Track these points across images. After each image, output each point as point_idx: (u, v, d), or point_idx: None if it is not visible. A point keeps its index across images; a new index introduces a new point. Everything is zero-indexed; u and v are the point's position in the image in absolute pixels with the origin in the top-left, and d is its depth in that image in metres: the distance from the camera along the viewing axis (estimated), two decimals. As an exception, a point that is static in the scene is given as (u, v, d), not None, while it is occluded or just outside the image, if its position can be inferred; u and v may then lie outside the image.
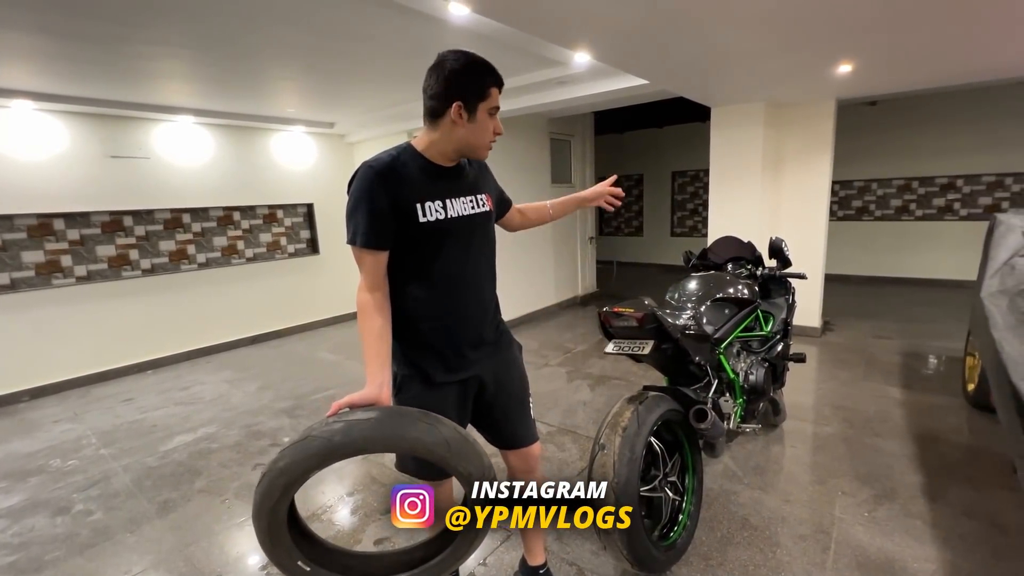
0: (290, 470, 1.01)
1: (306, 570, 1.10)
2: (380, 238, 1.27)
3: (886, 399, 3.32)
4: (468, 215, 1.38)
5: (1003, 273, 2.51)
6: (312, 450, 1.01)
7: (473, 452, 1.13)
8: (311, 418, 3.47)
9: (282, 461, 1.02)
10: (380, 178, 1.26)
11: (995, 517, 2.11)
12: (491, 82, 1.30)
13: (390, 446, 1.10)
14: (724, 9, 2.18)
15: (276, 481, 1.01)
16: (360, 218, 1.27)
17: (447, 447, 1.09)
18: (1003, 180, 6.35)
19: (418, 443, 1.07)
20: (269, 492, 1.02)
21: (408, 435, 1.08)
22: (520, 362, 1.61)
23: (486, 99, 1.30)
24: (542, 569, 1.77)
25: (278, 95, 4.25)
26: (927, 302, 5.91)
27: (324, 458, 1.02)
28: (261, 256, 5.69)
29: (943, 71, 3.53)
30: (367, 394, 1.18)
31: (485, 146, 1.37)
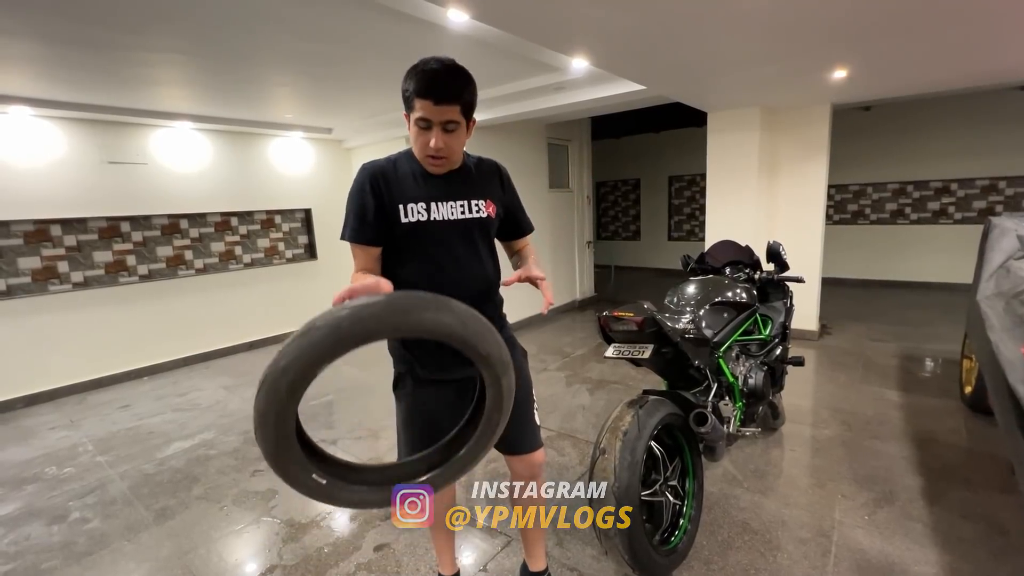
0: (294, 367, 0.89)
1: (322, 483, 0.99)
2: (366, 234, 1.35)
3: (884, 402, 3.33)
4: (454, 219, 1.39)
5: (998, 276, 2.53)
6: (318, 340, 0.89)
7: (491, 334, 1.03)
8: (309, 424, 3.44)
9: (284, 360, 0.89)
10: (372, 178, 1.35)
11: (994, 519, 2.12)
12: (413, 92, 1.23)
13: (402, 328, 0.97)
14: (720, 16, 2.20)
15: (279, 382, 0.89)
16: (350, 214, 1.36)
17: (463, 326, 0.99)
18: (997, 184, 6.41)
19: (432, 323, 0.96)
20: (273, 395, 0.89)
21: (421, 315, 0.96)
22: (524, 367, 1.59)
23: (412, 109, 1.26)
24: (544, 574, 1.77)
25: (276, 101, 4.26)
26: (923, 305, 5.94)
27: (332, 348, 0.90)
28: (259, 262, 5.68)
29: (937, 77, 3.57)
30: (366, 283, 1.08)
31: (422, 159, 1.34)
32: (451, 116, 1.26)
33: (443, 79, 1.24)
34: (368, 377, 4.22)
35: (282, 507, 2.49)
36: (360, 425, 3.37)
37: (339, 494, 1.02)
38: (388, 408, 1.67)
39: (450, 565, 1.82)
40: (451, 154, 1.33)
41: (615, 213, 10.15)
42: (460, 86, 1.26)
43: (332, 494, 1.01)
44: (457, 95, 1.25)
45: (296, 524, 2.34)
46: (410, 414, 1.50)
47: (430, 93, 1.22)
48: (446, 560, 1.81)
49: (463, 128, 1.33)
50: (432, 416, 1.46)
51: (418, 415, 1.49)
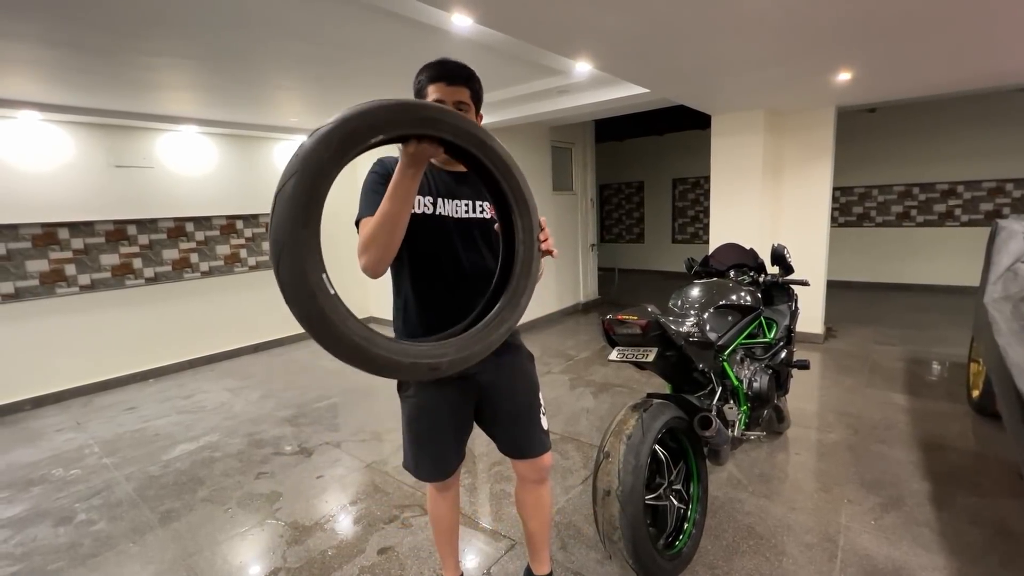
0: (352, 121, 0.88)
1: (331, 292, 0.93)
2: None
3: (890, 406, 3.31)
4: (459, 218, 1.43)
5: (1006, 279, 2.51)
6: (377, 107, 0.92)
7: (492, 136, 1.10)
8: (314, 426, 3.46)
9: (338, 120, 0.88)
10: (386, 168, 1.39)
11: (1002, 524, 2.09)
12: (426, 79, 1.34)
13: (420, 116, 1.00)
14: (723, 20, 2.20)
15: (335, 132, 0.86)
16: (365, 198, 1.41)
17: (468, 122, 1.06)
18: (1004, 186, 6.36)
19: (449, 118, 1.02)
20: (325, 140, 0.85)
21: (433, 107, 1.03)
22: (530, 371, 1.60)
23: (423, 96, 1.35)
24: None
25: (281, 105, 4.29)
26: (929, 308, 5.90)
27: (391, 116, 0.93)
28: (264, 264, 5.71)
29: (942, 79, 3.55)
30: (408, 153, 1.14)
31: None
32: (463, 97, 1.34)
33: (453, 65, 1.35)
34: (372, 380, 4.21)
35: (286, 509, 2.49)
36: (364, 428, 3.38)
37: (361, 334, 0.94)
38: (391, 411, 1.68)
39: (453, 568, 1.81)
40: None
41: (619, 216, 10.14)
42: (469, 73, 1.38)
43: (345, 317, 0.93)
44: (467, 78, 1.36)
45: (300, 527, 2.34)
46: (415, 414, 1.52)
47: (442, 76, 1.33)
48: (450, 563, 1.80)
49: (473, 114, 1.39)
50: (437, 416, 1.50)
51: (423, 415, 1.51)
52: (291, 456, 3.07)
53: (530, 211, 1.09)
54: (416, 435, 1.53)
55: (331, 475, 2.81)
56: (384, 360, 0.95)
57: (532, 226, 1.09)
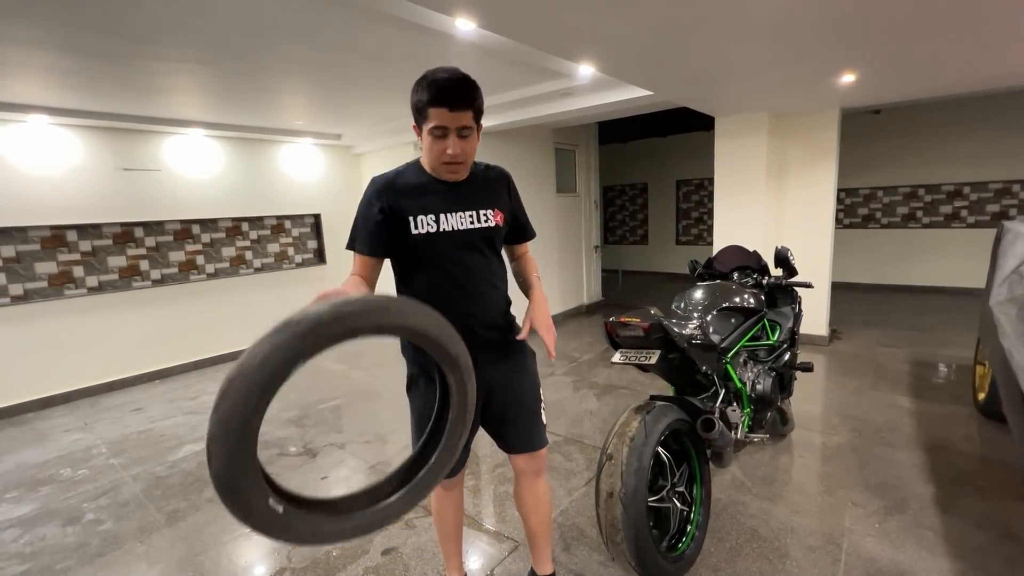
0: (272, 362, 0.80)
1: (278, 511, 0.88)
2: (370, 247, 1.42)
3: (895, 408, 3.30)
4: (464, 229, 1.43)
5: (1012, 281, 2.50)
6: (299, 334, 0.83)
7: (459, 340, 1.08)
8: (318, 427, 3.48)
9: (260, 354, 0.81)
10: (379, 192, 1.40)
11: (1008, 528, 2.09)
12: (427, 101, 1.27)
13: (382, 326, 0.95)
14: (727, 22, 2.21)
15: (254, 378, 0.79)
16: (358, 226, 1.43)
17: (438, 327, 1.03)
18: (1010, 187, 6.33)
19: (408, 322, 0.98)
20: (244, 395, 0.79)
21: (398, 314, 0.98)
22: (532, 368, 1.63)
23: (426, 119, 1.30)
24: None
25: (287, 108, 4.33)
26: (934, 310, 5.86)
27: (312, 343, 0.85)
28: (269, 266, 5.75)
29: (947, 80, 3.54)
30: (337, 288, 1.14)
31: (437, 168, 1.38)
32: (465, 122, 1.31)
33: (455, 87, 1.28)
34: (376, 382, 4.24)
35: (291, 510, 2.51)
36: (368, 430, 3.39)
37: (296, 525, 0.92)
38: (396, 412, 1.69)
39: (457, 569, 1.82)
40: (467, 159, 1.38)
41: (622, 217, 10.14)
42: (472, 93, 1.31)
43: (288, 525, 0.91)
44: (471, 101, 1.30)
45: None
46: (423, 413, 1.54)
47: (445, 101, 1.26)
48: (453, 564, 1.82)
49: (475, 133, 1.37)
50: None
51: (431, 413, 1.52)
52: (296, 457, 3.08)
53: (462, 372, 1.10)
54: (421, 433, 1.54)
55: (336, 476, 2.82)
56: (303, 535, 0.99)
57: (464, 381, 1.11)
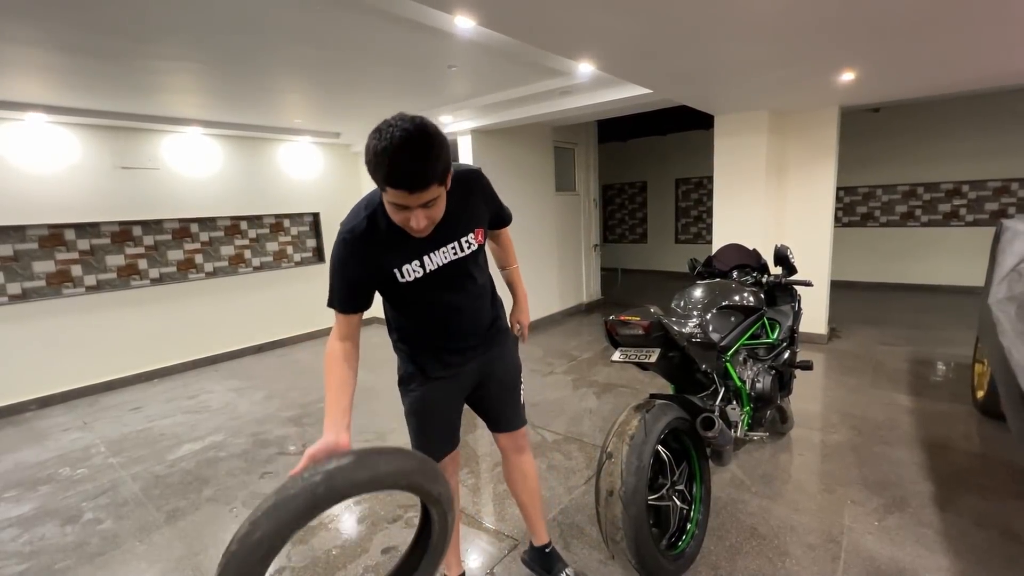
0: (269, 539, 0.88)
1: None
2: (353, 304, 1.36)
3: (894, 406, 3.30)
4: (450, 262, 1.41)
5: (1011, 279, 2.50)
6: (294, 509, 0.90)
7: (441, 473, 1.14)
8: (317, 426, 3.48)
9: (258, 531, 0.87)
10: (355, 250, 1.31)
11: (1007, 526, 2.09)
12: (385, 180, 1.11)
13: (373, 485, 1.02)
14: (726, 21, 2.20)
15: (253, 555, 0.87)
16: (336, 284, 1.35)
17: (423, 473, 1.09)
18: (1009, 185, 6.33)
19: (397, 475, 1.04)
20: (244, 569, 0.87)
21: (387, 470, 1.03)
22: (516, 354, 1.76)
23: (383, 191, 1.16)
24: (547, 548, 1.89)
25: (286, 107, 4.31)
26: (933, 308, 5.87)
27: (307, 514, 0.92)
28: (268, 265, 5.74)
29: (948, 78, 3.54)
30: (327, 442, 1.13)
31: (409, 228, 1.22)
32: (430, 196, 1.15)
33: (414, 166, 1.08)
34: (376, 380, 4.23)
35: (291, 509, 2.50)
36: (367, 428, 3.39)
37: None
38: (394, 411, 1.70)
39: (456, 566, 1.83)
40: (434, 221, 1.25)
41: (622, 216, 10.13)
42: (433, 165, 1.10)
43: None
44: (432, 176, 1.11)
45: (305, 527, 2.36)
46: (419, 404, 1.60)
47: (403, 183, 1.09)
48: (451, 561, 1.82)
49: (443, 195, 1.21)
50: (436, 402, 1.60)
51: (426, 402, 1.59)
52: (295, 456, 3.08)
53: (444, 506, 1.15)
54: (420, 420, 1.62)
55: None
56: None
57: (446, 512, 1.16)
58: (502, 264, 1.82)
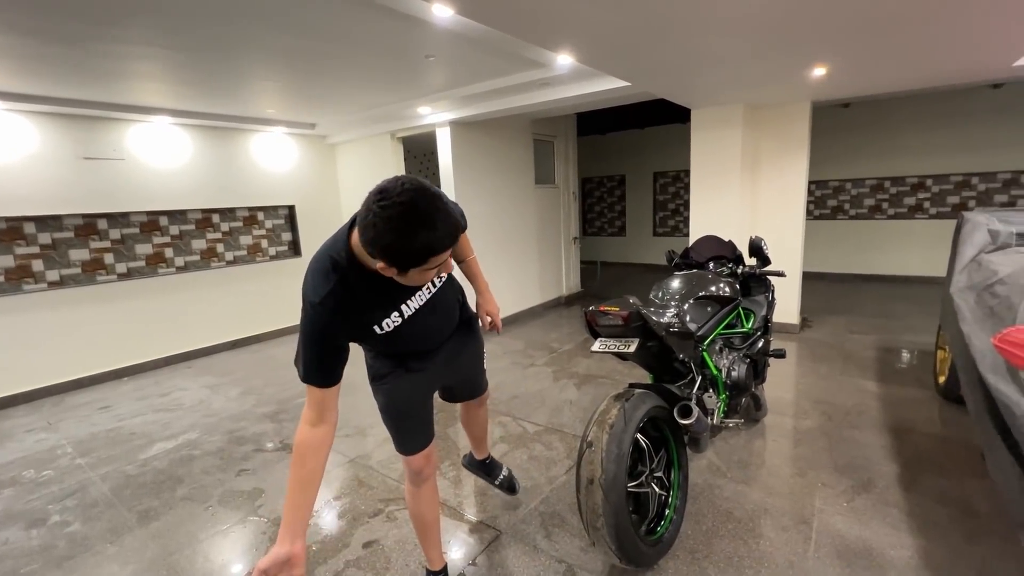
0: None
1: None
2: (332, 375, 1.28)
3: (862, 392, 3.42)
4: (425, 302, 1.45)
5: (970, 269, 2.61)
6: None
7: None
8: (295, 423, 3.41)
9: None
10: (332, 320, 1.23)
11: (966, 503, 2.19)
12: (416, 263, 1.09)
13: None
14: (703, 14, 2.23)
15: None
16: (310, 356, 1.25)
17: None
18: (970, 180, 6.59)
19: None
20: None
21: None
22: (478, 330, 1.84)
23: (419, 266, 1.11)
24: (487, 459, 2.24)
25: (258, 96, 4.20)
26: (899, 298, 6.09)
27: None
28: (241, 259, 5.60)
29: (913, 74, 3.65)
30: (277, 554, 1.13)
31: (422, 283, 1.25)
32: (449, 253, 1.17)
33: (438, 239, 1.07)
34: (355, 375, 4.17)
35: (269, 506, 2.47)
36: (347, 423, 3.36)
37: None
38: (374, 405, 1.68)
39: (438, 560, 1.83)
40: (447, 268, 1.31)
41: (601, 209, 10.20)
42: (452, 228, 1.10)
43: None
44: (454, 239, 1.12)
45: None
46: (394, 402, 1.62)
47: (433, 255, 1.09)
48: (434, 555, 1.82)
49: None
50: (413, 399, 1.64)
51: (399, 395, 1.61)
52: (273, 453, 3.03)
53: None
54: (396, 416, 1.64)
55: (314, 471, 2.79)
56: None
57: None
58: (459, 258, 1.80)
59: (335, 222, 6.46)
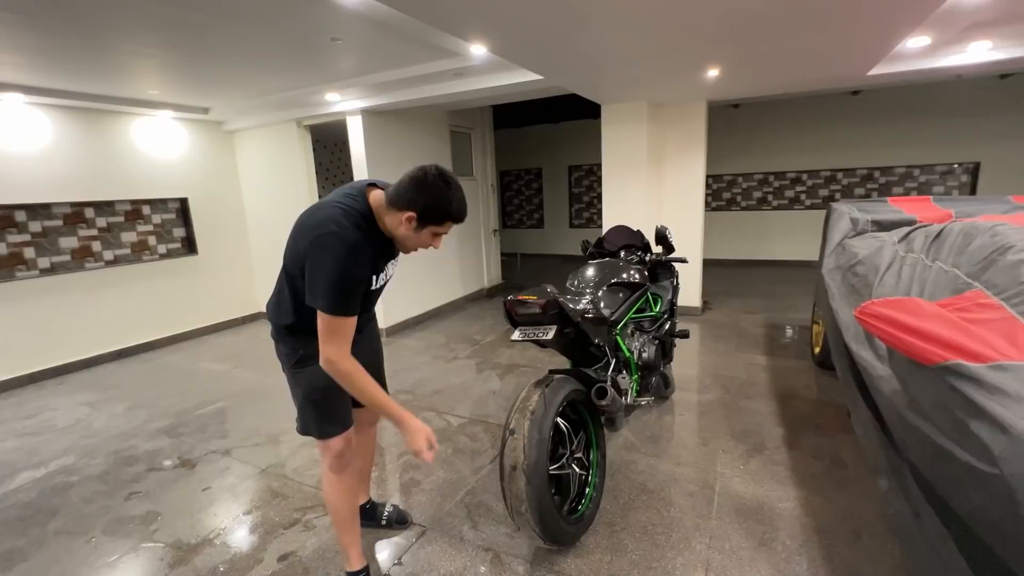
0: None
1: None
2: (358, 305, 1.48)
3: (754, 366, 3.80)
4: (390, 277, 1.69)
5: (837, 252, 2.99)
6: None
7: None
8: (196, 435, 3.13)
9: None
10: (361, 255, 1.44)
11: (837, 456, 2.52)
12: (453, 216, 1.47)
13: None
14: (609, 9, 2.32)
15: None
16: (342, 291, 1.41)
17: None
18: (836, 175, 7.54)
19: None
20: None
21: None
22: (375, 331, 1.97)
23: (439, 223, 1.48)
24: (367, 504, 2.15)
25: (137, 74, 3.73)
26: (785, 281, 6.83)
27: None
28: (124, 259, 4.98)
29: (788, 79, 4.09)
30: (419, 425, 1.51)
31: (412, 249, 1.57)
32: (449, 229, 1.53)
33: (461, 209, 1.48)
34: (264, 380, 3.91)
35: (166, 529, 2.24)
36: (257, 431, 3.13)
37: None
38: (287, 411, 1.59)
39: (357, 558, 1.80)
40: None
41: (519, 202, 10.34)
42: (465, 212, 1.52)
43: None
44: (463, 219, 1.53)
45: (185, 546, 2.12)
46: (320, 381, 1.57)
47: (460, 218, 1.49)
48: (353, 554, 1.79)
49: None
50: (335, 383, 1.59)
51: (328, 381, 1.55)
52: (170, 471, 2.75)
53: None
54: (321, 394, 1.63)
55: (220, 485, 2.57)
56: None
57: None
58: None
59: (238, 215, 5.96)
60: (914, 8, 2.41)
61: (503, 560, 1.93)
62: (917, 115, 6.86)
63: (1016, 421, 0.98)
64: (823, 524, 2.04)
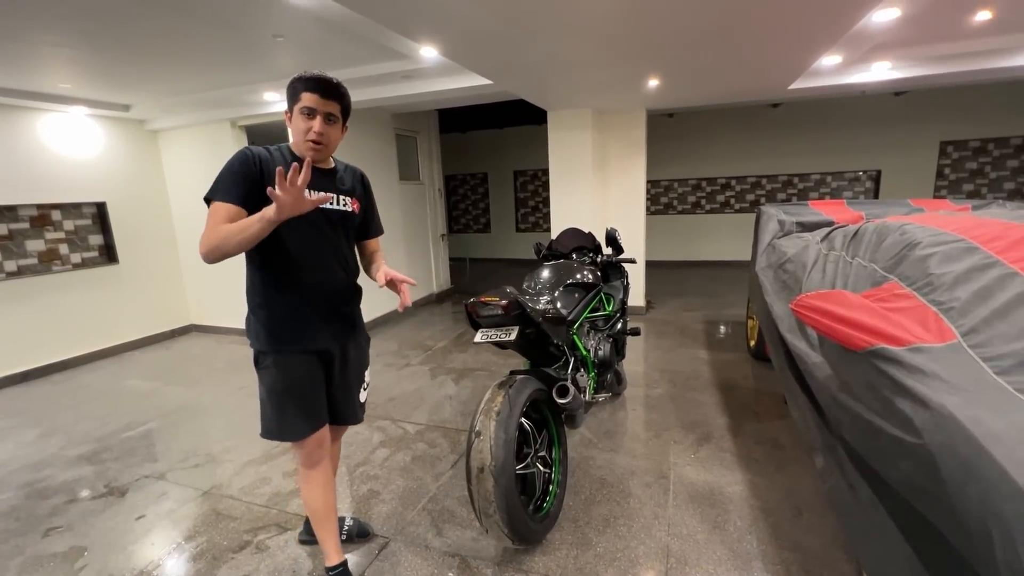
0: None
1: None
2: (233, 194, 1.44)
3: (697, 360, 4.02)
4: (326, 209, 1.59)
5: (768, 252, 3.23)
6: None
7: None
8: (124, 460, 2.87)
9: None
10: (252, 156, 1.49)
11: (776, 440, 2.72)
12: (302, 87, 1.48)
13: None
14: (554, 18, 2.39)
15: None
16: (223, 179, 1.45)
17: None
18: (760, 181, 8.14)
19: None
20: None
21: None
22: (366, 352, 1.88)
23: (298, 101, 1.49)
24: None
25: (45, 66, 3.38)
26: (718, 279, 7.27)
27: None
28: (29, 269, 4.48)
29: (717, 91, 4.39)
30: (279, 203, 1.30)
31: (301, 143, 1.53)
32: (332, 109, 1.52)
33: (329, 81, 1.50)
34: (200, 396, 3.64)
35: (95, 565, 2.03)
36: (195, 452, 2.91)
37: None
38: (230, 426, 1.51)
39: (335, 553, 1.77)
40: (329, 143, 1.55)
41: (466, 207, 10.33)
42: (342, 91, 1.55)
43: None
44: (340, 95, 1.54)
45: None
46: (276, 378, 1.58)
47: (318, 88, 1.48)
48: (331, 548, 1.77)
49: (339, 125, 1.57)
50: (297, 375, 1.60)
51: (285, 376, 1.58)
52: (95, 500, 2.50)
53: None
54: (280, 396, 1.59)
55: (156, 512, 2.37)
56: None
57: None
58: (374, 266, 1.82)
59: (164, 221, 5.52)
60: (830, 29, 2.67)
61: (471, 564, 1.92)
62: (829, 127, 7.55)
63: (934, 396, 1.11)
64: (768, 504, 2.19)
